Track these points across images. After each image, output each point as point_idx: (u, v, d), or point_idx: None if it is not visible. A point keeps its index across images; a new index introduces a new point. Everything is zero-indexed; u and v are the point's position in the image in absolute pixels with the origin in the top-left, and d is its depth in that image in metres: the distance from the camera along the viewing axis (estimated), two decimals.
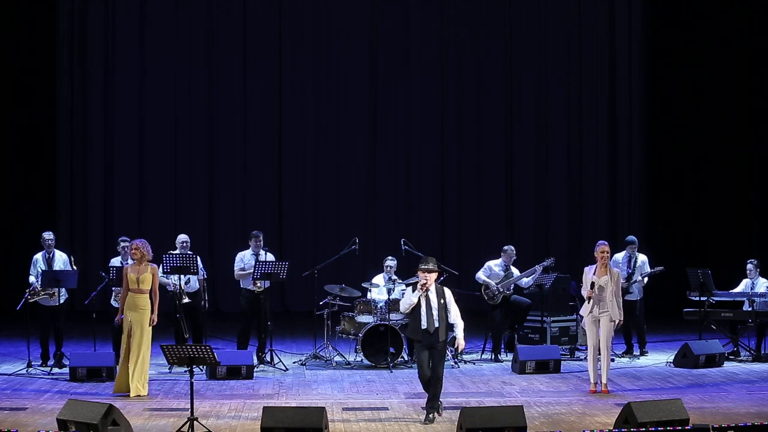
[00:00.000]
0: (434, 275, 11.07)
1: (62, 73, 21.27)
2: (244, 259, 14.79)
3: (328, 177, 21.95)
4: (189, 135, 21.70)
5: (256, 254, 14.74)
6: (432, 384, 10.96)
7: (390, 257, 15.01)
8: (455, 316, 11.13)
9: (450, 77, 22.08)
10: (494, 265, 15.27)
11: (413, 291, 11.08)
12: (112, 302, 14.32)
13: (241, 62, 21.73)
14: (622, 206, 22.23)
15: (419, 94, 22.04)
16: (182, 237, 14.71)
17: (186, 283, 14.33)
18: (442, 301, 11.05)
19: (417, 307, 11.00)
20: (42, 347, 14.57)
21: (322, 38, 21.88)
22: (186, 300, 14.21)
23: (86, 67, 21.39)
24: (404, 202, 22.07)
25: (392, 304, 14.23)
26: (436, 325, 10.96)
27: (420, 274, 11.06)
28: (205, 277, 14.88)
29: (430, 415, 10.92)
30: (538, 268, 15.14)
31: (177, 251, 14.41)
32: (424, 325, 10.95)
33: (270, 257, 14.81)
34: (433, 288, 11.06)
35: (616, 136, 22.21)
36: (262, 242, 14.83)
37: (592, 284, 12.52)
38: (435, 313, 10.98)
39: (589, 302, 12.56)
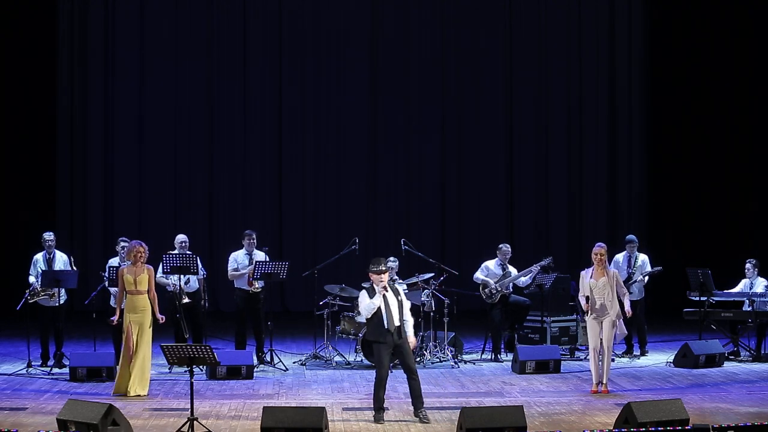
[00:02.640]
0: (386, 275, 11.12)
1: (62, 73, 21.28)
2: (238, 259, 14.76)
3: (328, 177, 21.94)
4: (189, 135, 21.70)
5: (250, 254, 14.72)
6: (411, 379, 11.02)
7: (392, 258, 14.93)
8: (407, 311, 11.24)
9: (450, 77, 22.08)
10: (491, 264, 15.28)
11: (370, 295, 11.07)
12: (112, 303, 14.31)
13: (241, 62, 21.73)
14: (622, 206, 22.23)
15: (419, 93, 22.04)
16: (180, 237, 14.69)
17: (185, 283, 14.32)
18: (399, 298, 11.15)
19: (377, 310, 11.05)
20: (42, 347, 14.57)
21: (322, 38, 21.88)
22: (186, 300, 14.20)
23: (86, 67, 21.40)
24: (404, 202, 22.07)
25: None
26: (397, 323, 11.04)
27: (373, 276, 11.10)
28: (205, 276, 14.87)
29: (422, 413, 10.93)
30: (535, 268, 15.12)
31: (176, 251, 14.41)
32: (386, 325, 11.00)
33: (262, 255, 14.77)
34: (388, 287, 11.12)
35: (616, 137, 22.23)
36: (255, 241, 14.81)
37: (587, 298, 12.53)
38: (395, 311, 11.04)
39: (587, 315, 12.58)
